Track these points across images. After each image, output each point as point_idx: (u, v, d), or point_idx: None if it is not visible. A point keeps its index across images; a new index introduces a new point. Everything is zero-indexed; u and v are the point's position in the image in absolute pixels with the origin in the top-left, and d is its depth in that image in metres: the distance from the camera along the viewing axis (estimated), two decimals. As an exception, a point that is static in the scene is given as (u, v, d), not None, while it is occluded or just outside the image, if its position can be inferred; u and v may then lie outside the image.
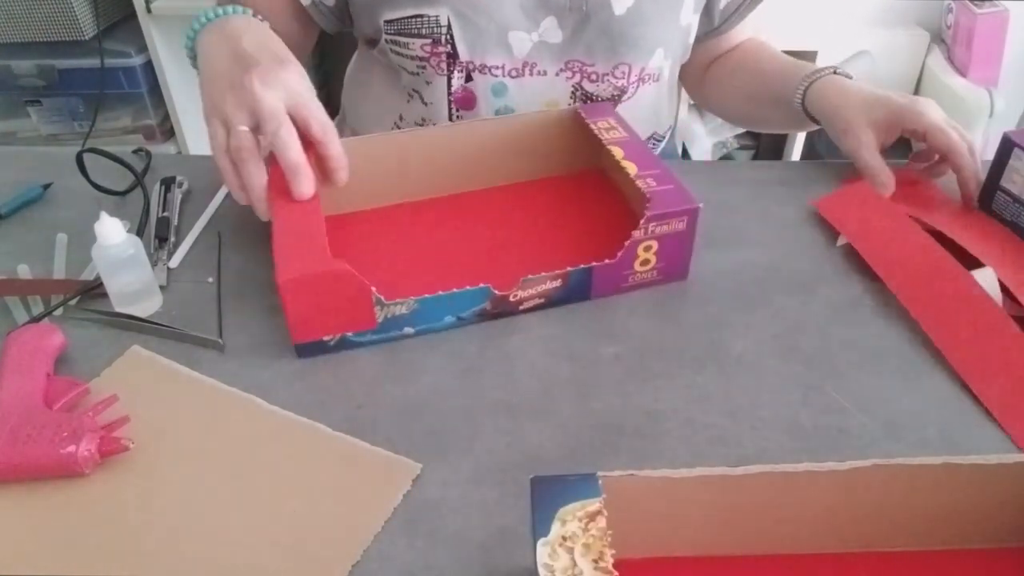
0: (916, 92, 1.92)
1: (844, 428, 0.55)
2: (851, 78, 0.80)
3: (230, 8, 0.70)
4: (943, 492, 0.43)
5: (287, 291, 0.56)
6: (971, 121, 1.71)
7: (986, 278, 0.63)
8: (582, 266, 0.62)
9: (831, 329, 0.63)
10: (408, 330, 0.61)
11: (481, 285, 0.60)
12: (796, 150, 1.74)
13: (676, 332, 0.63)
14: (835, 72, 0.80)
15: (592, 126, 0.73)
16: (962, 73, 1.78)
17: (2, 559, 0.47)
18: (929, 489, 0.43)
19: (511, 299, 0.62)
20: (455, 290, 0.59)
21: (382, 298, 0.58)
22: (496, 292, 0.61)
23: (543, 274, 0.61)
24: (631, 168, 0.67)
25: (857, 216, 0.73)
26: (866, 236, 0.71)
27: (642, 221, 0.62)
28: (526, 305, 0.63)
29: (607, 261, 0.63)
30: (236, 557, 0.47)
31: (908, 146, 0.83)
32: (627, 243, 0.62)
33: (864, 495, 0.42)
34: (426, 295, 0.59)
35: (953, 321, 0.62)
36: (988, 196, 0.76)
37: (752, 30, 0.94)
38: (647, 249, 0.63)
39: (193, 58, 0.73)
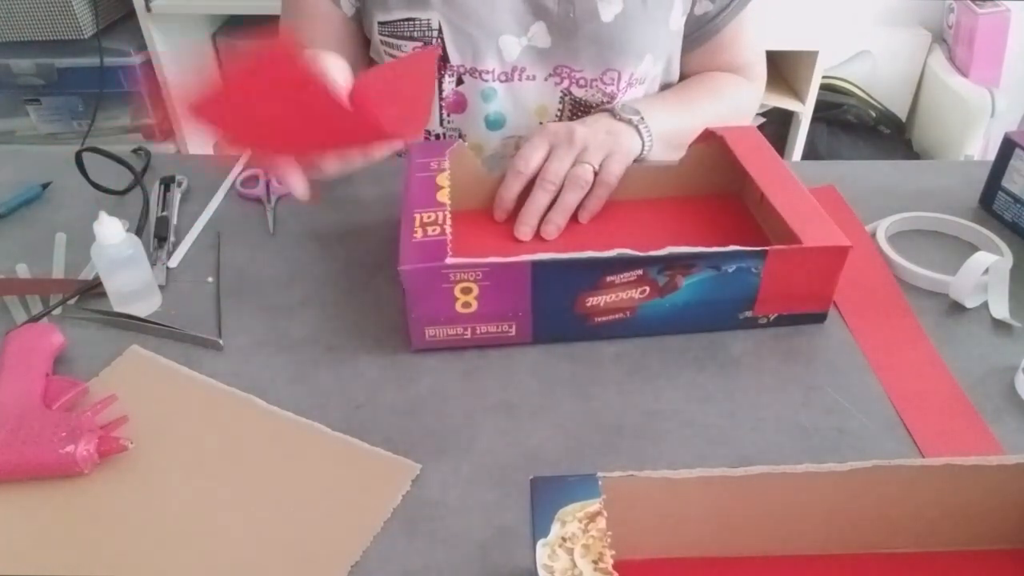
0: (917, 92, 1.92)
1: (844, 428, 0.55)
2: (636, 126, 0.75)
3: None
4: (943, 493, 0.43)
5: None
6: (972, 121, 1.71)
7: (986, 261, 0.64)
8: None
9: (831, 329, 0.63)
10: None
11: None
12: (796, 150, 1.74)
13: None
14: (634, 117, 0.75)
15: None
16: (963, 73, 1.78)
17: (2, 559, 0.47)
18: (929, 490, 0.42)
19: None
20: None
21: None
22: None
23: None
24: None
25: None
26: None
27: None
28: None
29: None
30: (235, 557, 0.47)
31: (909, 147, 0.83)
32: None
33: (864, 495, 0.42)
34: None
35: (873, 322, 0.64)
36: (989, 196, 0.76)
37: (734, 65, 0.89)
38: None
39: None
